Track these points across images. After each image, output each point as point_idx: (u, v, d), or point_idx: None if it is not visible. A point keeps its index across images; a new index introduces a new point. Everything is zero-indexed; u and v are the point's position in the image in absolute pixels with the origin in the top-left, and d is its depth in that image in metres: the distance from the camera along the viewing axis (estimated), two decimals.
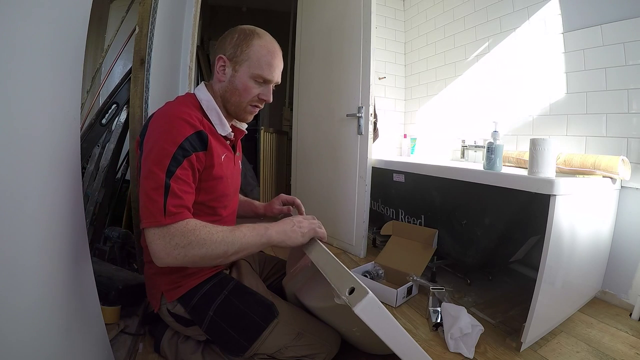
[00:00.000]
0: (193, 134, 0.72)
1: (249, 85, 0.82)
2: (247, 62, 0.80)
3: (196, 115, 0.77)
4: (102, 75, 1.68)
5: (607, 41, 1.36)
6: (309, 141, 2.29)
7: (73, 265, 0.65)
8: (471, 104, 2.06)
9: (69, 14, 0.61)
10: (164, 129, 0.72)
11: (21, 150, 0.48)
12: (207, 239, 0.67)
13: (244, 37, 0.81)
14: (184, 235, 0.66)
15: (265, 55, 0.81)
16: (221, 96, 0.84)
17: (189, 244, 0.66)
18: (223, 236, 0.69)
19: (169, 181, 0.67)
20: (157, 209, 0.65)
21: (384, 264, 1.55)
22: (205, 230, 0.68)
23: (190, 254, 0.66)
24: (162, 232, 0.65)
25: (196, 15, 1.56)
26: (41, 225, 0.54)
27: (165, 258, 0.65)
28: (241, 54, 0.80)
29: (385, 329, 0.59)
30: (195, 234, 0.67)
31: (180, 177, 0.69)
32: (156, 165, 0.68)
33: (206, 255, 0.68)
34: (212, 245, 0.68)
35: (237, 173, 0.96)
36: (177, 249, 0.65)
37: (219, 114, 0.83)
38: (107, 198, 1.30)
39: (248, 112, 0.87)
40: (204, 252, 0.67)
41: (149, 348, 0.97)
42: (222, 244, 0.69)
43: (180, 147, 0.70)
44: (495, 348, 1.05)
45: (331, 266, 0.69)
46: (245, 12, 4.03)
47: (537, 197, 1.02)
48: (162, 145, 0.69)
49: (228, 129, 0.85)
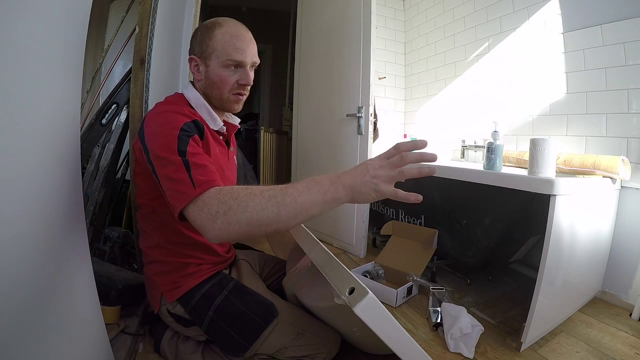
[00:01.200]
0: (189, 122, 0.72)
1: (223, 74, 0.81)
2: (214, 54, 0.80)
3: (188, 109, 0.79)
4: (102, 75, 1.67)
5: (607, 41, 1.36)
6: (309, 141, 2.29)
7: (73, 265, 0.65)
8: (471, 104, 2.06)
9: (69, 14, 0.61)
10: (161, 122, 0.71)
11: (21, 150, 0.48)
12: (250, 201, 0.56)
13: (206, 31, 0.81)
14: (222, 201, 0.57)
15: (230, 40, 0.80)
16: (204, 93, 0.85)
17: (229, 209, 0.56)
18: (270, 194, 0.56)
19: (185, 157, 0.64)
20: (185, 184, 0.60)
21: (384, 264, 1.55)
22: (246, 191, 0.57)
23: (234, 221, 0.55)
24: (199, 204, 0.58)
25: (196, 15, 1.56)
26: (41, 225, 0.54)
27: (212, 231, 0.56)
28: (207, 48, 0.80)
29: (385, 329, 0.59)
30: (234, 197, 0.57)
31: (193, 152, 0.66)
32: (165, 152, 0.65)
33: (254, 220, 0.55)
34: (258, 207, 0.55)
35: (232, 167, 0.96)
36: (219, 217, 0.55)
37: (209, 110, 0.84)
38: (107, 198, 1.30)
39: (232, 101, 0.85)
40: (249, 216, 0.55)
41: (149, 348, 0.97)
42: (271, 204, 0.56)
43: (182, 129, 0.69)
44: (495, 348, 1.05)
45: (331, 266, 0.69)
46: (245, 12, 4.03)
47: (537, 197, 1.02)
48: (164, 133, 0.68)
49: (220, 122, 0.85)
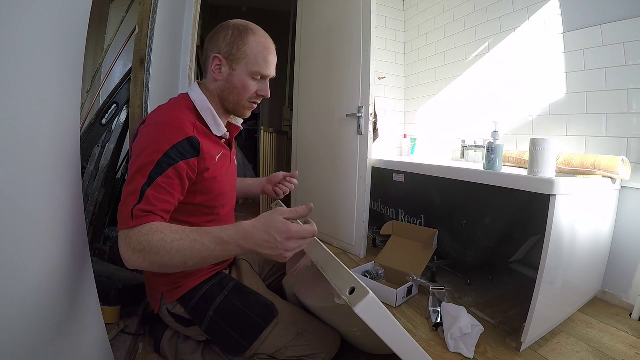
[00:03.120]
0: (183, 141, 0.70)
1: (247, 83, 0.81)
2: (244, 60, 0.79)
3: (189, 119, 0.75)
4: (102, 75, 1.67)
5: (607, 41, 1.36)
6: (309, 141, 2.29)
7: (73, 265, 0.65)
8: (471, 104, 2.06)
9: (69, 14, 0.61)
10: (153, 137, 0.70)
11: (21, 150, 0.48)
12: (161, 248, 0.59)
13: (239, 34, 0.79)
14: (139, 240, 0.60)
15: (262, 52, 0.80)
16: (218, 95, 0.83)
17: (143, 249, 0.59)
18: (180, 247, 0.59)
19: (147, 188, 0.65)
20: (127, 211, 0.63)
21: (384, 264, 1.55)
22: (159, 236, 0.60)
23: (147, 260, 0.60)
24: (125, 234, 0.62)
25: (196, 15, 1.56)
26: (41, 225, 0.54)
27: (128, 261, 0.61)
28: (237, 52, 0.79)
29: (385, 329, 0.59)
30: (148, 240, 0.60)
31: (160, 184, 0.66)
32: (139, 172, 0.66)
33: (163, 264, 0.60)
34: (167, 255, 0.59)
35: (232, 170, 0.95)
36: (135, 253, 0.60)
37: (214, 114, 0.81)
38: (107, 198, 1.30)
39: (247, 108, 0.86)
40: (159, 260, 0.59)
41: (149, 348, 0.97)
42: (179, 255, 0.59)
43: (166, 154, 0.67)
44: (495, 348, 1.05)
45: (331, 266, 0.69)
46: (245, 12, 4.04)
47: (537, 197, 1.02)
48: (148, 153, 0.67)
49: (223, 129, 0.83)
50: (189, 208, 0.79)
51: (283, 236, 0.58)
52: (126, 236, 0.61)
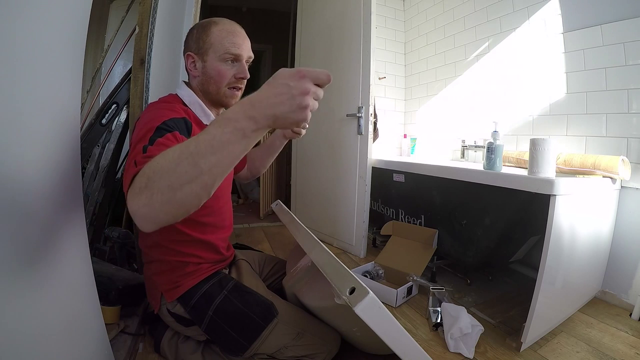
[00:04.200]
0: (177, 118, 0.73)
1: (221, 68, 0.83)
2: (211, 49, 0.82)
3: (180, 107, 0.80)
4: (102, 75, 1.67)
5: (607, 41, 1.36)
6: (309, 141, 2.29)
7: (73, 265, 0.65)
8: (471, 104, 2.06)
9: (69, 14, 0.61)
10: (149, 117, 0.71)
11: (21, 150, 0.48)
12: (163, 163, 0.48)
13: (202, 29, 0.83)
14: (141, 175, 0.49)
15: (227, 36, 0.83)
16: (201, 90, 0.87)
17: (149, 179, 0.48)
18: (181, 148, 0.48)
19: (148, 146, 0.60)
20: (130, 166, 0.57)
21: (384, 264, 1.55)
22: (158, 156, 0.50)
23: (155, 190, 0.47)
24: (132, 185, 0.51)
25: (196, 15, 1.56)
26: (41, 225, 0.54)
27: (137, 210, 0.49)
28: (204, 44, 0.82)
29: (385, 329, 0.59)
30: (149, 167, 0.49)
31: (160, 143, 0.62)
32: (140, 141, 0.63)
33: (174, 183, 0.47)
34: (172, 166, 0.47)
35: None
36: (142, 192, 0.48)
37: (202, 106, 0.86)
38: (107, 198, 1.30)
39: (229, 95, 0.86)
40: (167, 181, 0.47)
41: (149, 348, 0.97)
42: (184, 158, 0.47)
43: (164, 123, 0.67)
44: (495, 348, 1.05)
45: (331, 266, 0.69)
46: (245, 12, 4.03)
47: (537, 197, 1.02)
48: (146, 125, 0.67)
49: (212, 117, 0.87)
50: None
51: (294, 78, 0.50)
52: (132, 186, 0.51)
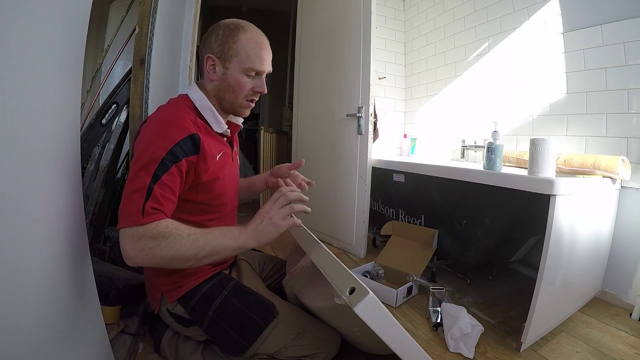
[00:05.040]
0: (185, 138, 0.72)
1: (242, 80, 0.81)
2: (236, 58, 0.80)
3: (190, 117, 0.76)
4: (102, 75, 1.67)
5: (607, 41, 1.36)
6: (309, 141, 2.29)
7: (73, 265, 0.65)
8: (471, 104, 2.06)
9: (69, 14, 0.61)
10: (155, 134, 0.71)
11: (21, 150, 0.48)
12: (177, 240, 0.64)
13: (229, 33, 0.79)
14: (153, 235, 0.63)
15: (254, 48, 0.80)
16: (215, 95, 0.84)
17: (157, 245, 0.63)
18: (194, 238, 0.66)
19: (153, 185, 0.66)
20: (137, 209, 0.64)
21: (384, 264, 1.55)
22: (176, 231, 0.65)
23: (158, 256, 0.63)
24: (133, 231, 0.63)
25: (196, 15, 1.56)
26: (41, 225, 0.54)
27: (134, 257, 0.63)
28: (229, 50, 0.79)
29: (385, 329, 0.59)
30: (163, 234, 0.64)
31: (165, 182, 0.68)
32: (143, 169, 0.67)
33: (175, 258, 0.64)
34: (182, 247, 0.64)
35: (235, 169, 0.95)
36: (145, 250, 0.63)
37: (214, 112, 0.82)
38: (107, 198, 1.30)
39: (244, 106, 0.86)
40: (172, 252, 0.64)
41: (149, 348, 0.97)
42: (193, 246, 0.65)
43: (170, 152, 0.69)
44: (495, 348, 1.05)
45: (331, 266, 0.69)
46: (245, 12, 4.03)
47: (537, 197, 1.02)
48: (152, 150, 0.68)
49: (224, 126, 0.84)
50: (191, 206, 0.80)
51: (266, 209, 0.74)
52: (135, 232, 0.63)
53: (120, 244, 0.64)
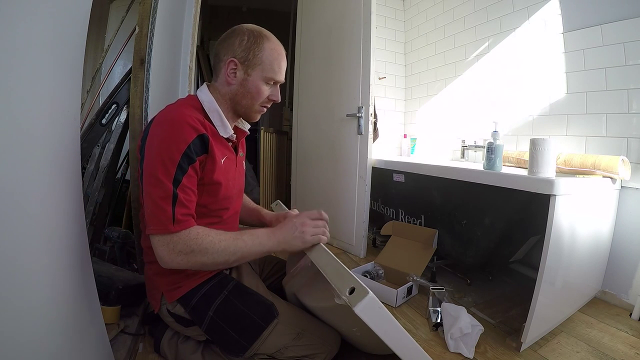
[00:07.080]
0: (195, 138, 0.73)
1: (261, 88, 0.84)
2: (260, 66, 0.82)
3: (197, 117, 0.76)
4: (102, 75, 1.68)
5: (607, 41, 1.36)
6: (309, 141, 2.29)
7: (73, 265, 0.65)
8: (471, 104, 2.06)
9: (69, 14, 0.61)
10: (167, 135, 0.71)
11: (21, 150, 0.48)
12: (210, 248, 0.71)
13: (254, 40, 0.81)
14: (187, 244, 0.69)
15: (277, 58, 0.84)
16: (230, 99, 0.85)
17: (192, 251, 0.69)
18: (226, 245, 0.72)
19: (177, 190, 0.70)
20: (167, 217, 0.68)
21: (384, 264, 1.55)
22: (208, 239, 0.71)
23: (192, 261, 0.70)
24: (168, 239, 0.69)
25: (196, 15, 1.56)
26: (41, 225, 0.54)
27: (169, 263, 0.70)
28: (254, 57, 0.81)
29: (385, 329, 0.59)
30: (197, 243, 0.70)
31: (186, 185, 0.72)
32: (163, 174, 0.69)
33: (208, 262, 0.72)
34: (215, 254, 0.71)
35: (239, 175, 0.95)
36: (180, 255, 0.69)
37: (221, 116, 0.83)
38: (107, 198, 1.30)
39: (258, 112, 0.89)
40: (206, 259, 0.71)
41: (149, 348, 0.97)
42: (225, 252, 0.72)
43: (185, 154, 0.71)
44: (495, 348, 1.05)
45: (331, 266, 0.69)
46: (245, 12, 4.03)
47: (537, 197, 1.02)
48: (168, 154, 0.70)
49: (230, 130, 0.84)
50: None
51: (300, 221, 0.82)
52: (170, 241, 0.69)
53: (155, 250, 0.70)
